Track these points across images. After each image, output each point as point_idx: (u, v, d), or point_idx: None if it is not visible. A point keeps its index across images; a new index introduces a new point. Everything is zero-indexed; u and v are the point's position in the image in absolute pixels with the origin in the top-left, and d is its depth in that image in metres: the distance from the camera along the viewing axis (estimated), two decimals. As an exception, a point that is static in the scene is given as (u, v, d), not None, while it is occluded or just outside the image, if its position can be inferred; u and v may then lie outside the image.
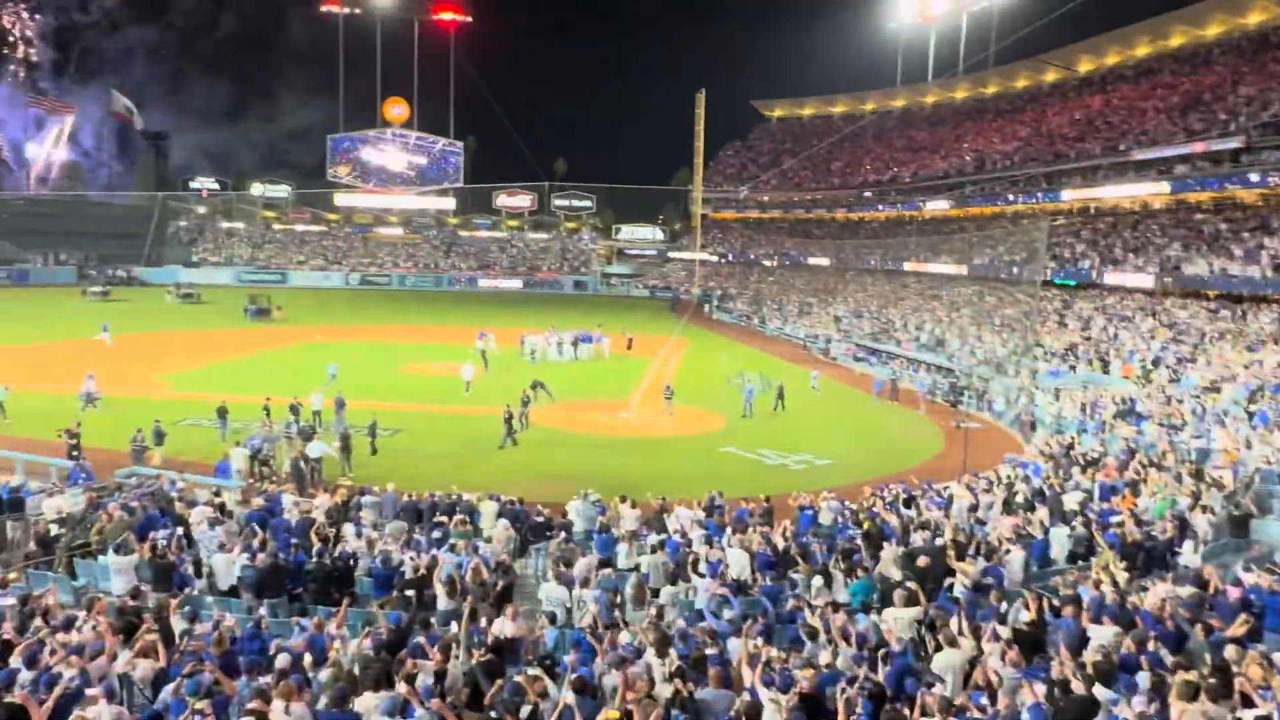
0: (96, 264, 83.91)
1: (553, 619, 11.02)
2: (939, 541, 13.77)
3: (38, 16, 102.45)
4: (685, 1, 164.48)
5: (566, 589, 12.11)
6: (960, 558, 12.67)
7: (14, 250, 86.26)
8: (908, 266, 66.06)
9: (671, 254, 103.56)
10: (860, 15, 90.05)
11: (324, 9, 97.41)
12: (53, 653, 8.38)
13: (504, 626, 10.05)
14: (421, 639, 9.31)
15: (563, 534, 15.90)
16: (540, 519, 16.64)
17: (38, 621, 9.63)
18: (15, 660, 8.23)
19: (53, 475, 20.46)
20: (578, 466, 24.35)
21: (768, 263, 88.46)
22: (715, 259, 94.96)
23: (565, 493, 18.95)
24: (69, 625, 9.41)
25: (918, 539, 14.40)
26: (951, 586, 11.75)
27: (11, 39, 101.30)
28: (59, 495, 16.25)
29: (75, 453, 21.76)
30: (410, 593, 11.70)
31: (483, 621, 10.29)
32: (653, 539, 14.84)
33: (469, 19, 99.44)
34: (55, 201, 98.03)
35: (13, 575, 13.11)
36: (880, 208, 79.73)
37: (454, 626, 9.83)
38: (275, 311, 58.36)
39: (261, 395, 27.51)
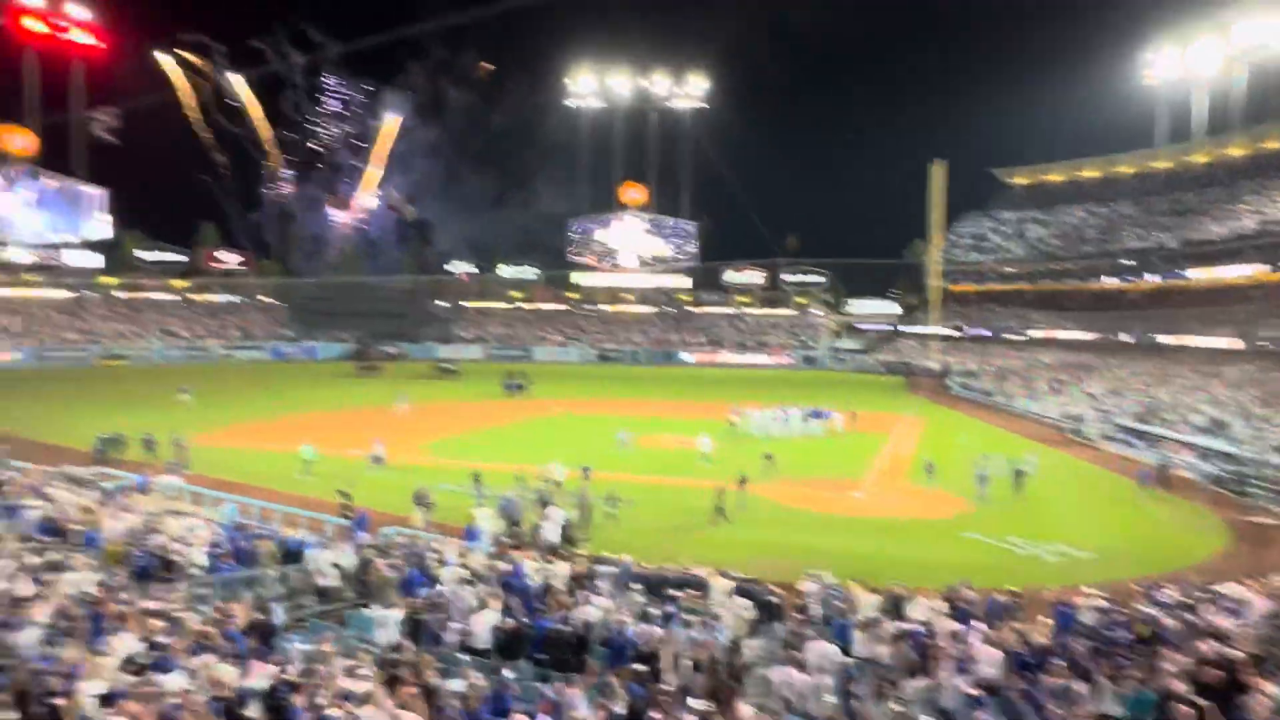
0: (369, 341, 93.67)
1: (787, 705, 10.66)
2: (1231, 653, 12.04)
3: (344, 126, 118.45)
4: (920, 71, 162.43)
5: (800, 674, 11.70)
6: (1260, 673, 10.99)
7: (304, 330, 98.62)
8: (1175, 340, 59.88)
9: (906, 328, 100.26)
10: (1110, 75, 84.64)
11: (572, 104, 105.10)
12: (329, 698, 9.15)
13: (739, 710, 9.84)
14: (656, 714, 9.29)
15: (796, 616, 15.43)
16: (773, 599, 16.26)
17: (316, 667, 10.58)
18: (298, 701, 9.06)
19: (329, 531, 22.68)
20: (811, 546, 23.71)
21: (1012, 336, 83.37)
22: (954, 333, 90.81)
23: (798, 572, 18.47)
24: (342, 673, 10.26)
25: (1203, 648, 12.66)
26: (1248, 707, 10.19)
27: (317, 148, 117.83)
28: (334, 550, 17.94)
29: (348, 512, 23.98)
30: (641, 665, 11.76)
31: (705, 703, 10.12)
32: (892, 628, 14.07)
33: (704, 105, 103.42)
34: (339, 285, 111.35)
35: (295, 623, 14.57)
36: (1142, 277, 73.23)
37: (690, 703, 9.75)
38: (529, 387, 61.75)
39: (511, 463, 29.12)
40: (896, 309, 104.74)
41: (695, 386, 70.56)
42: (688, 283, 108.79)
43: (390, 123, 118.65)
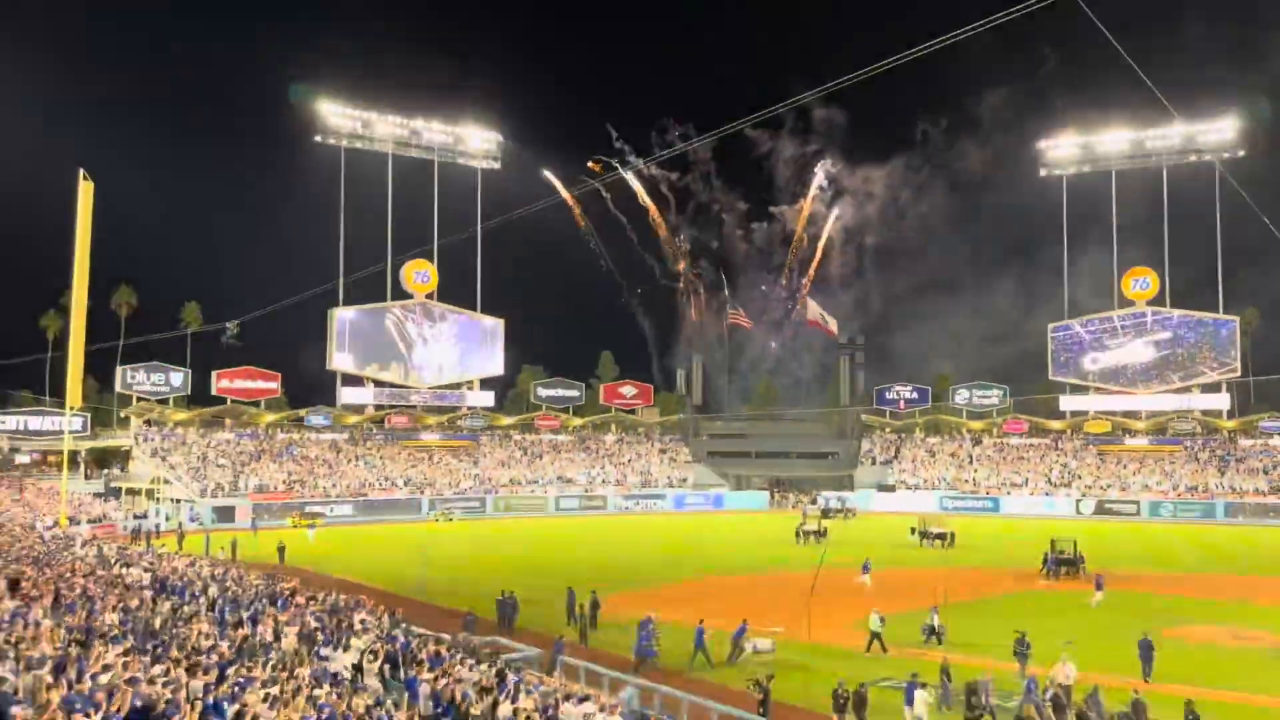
0: (796, 490, 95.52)
1: None
2: None
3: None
4: None
5: None
6: None
7: (709, 474, 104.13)
8: None
9: None
10: None
11: (1047, 173, 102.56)
12: None
13: None
14: None
15: None
16: None
17: None
18: None
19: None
20: None
21: None
22: None
23: None
24: None
25: None
26: None
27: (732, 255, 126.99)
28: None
29: (762, 709, 23.96)
30: None
31: None
32: None
33: (1237, 152, 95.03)
34: (752, 420, 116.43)
35: None
36: None
37: None
38: (1082, 566, 53.61)
39: (985, 656, 27.23)
40: None
41: (1246, 556, 62.73)
42: (1227, 402, 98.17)
43: (833, 220, 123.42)
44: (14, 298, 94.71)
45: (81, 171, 43.45)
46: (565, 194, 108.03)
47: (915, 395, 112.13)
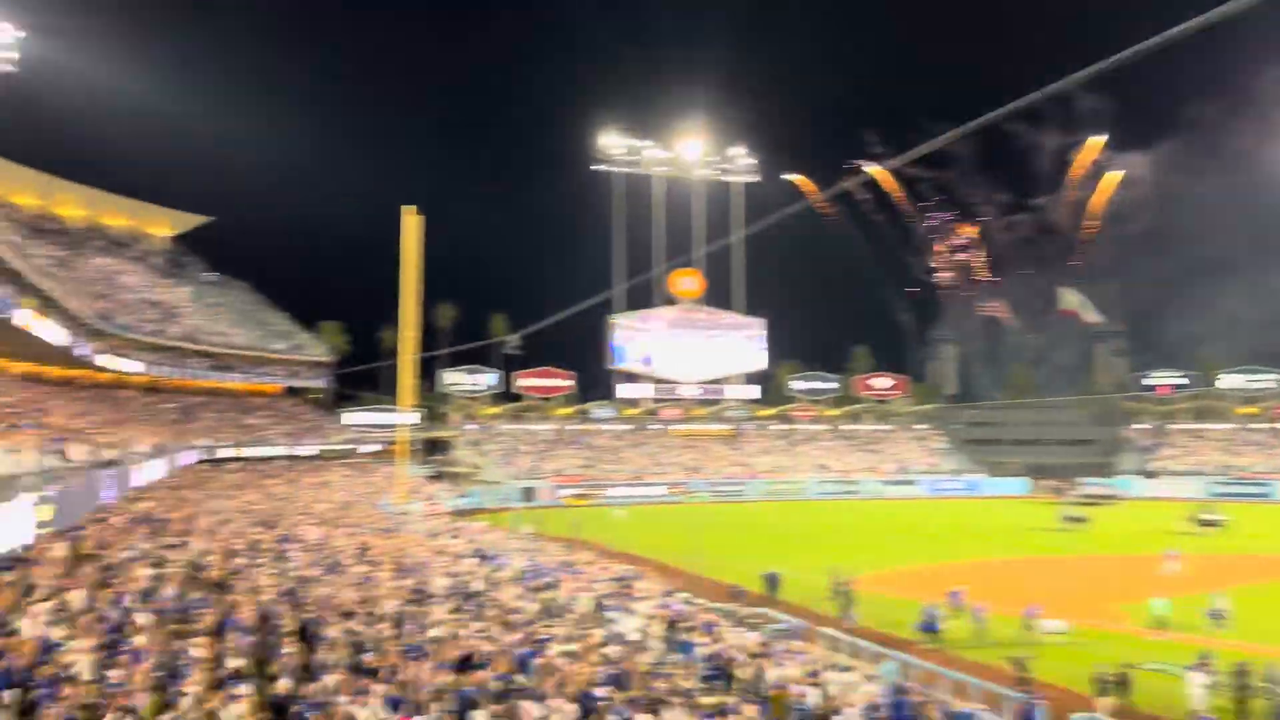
0: (1057, 476, 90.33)
1: None
2: None
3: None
4: None
5: None
6: None
7: (965, 461, 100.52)
8: None
9: None
10: None
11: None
12: None
13: None
14: None
15: None
16: None
17: None
18: None
19: (1006, 708, 21.96)
20: None
21: None
22: None
23: None
24: None
25: None
26: None
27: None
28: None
29: (1022, 687, 23.06)
30: None
31: None
32: None
33: None
34: (1007, 408, 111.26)
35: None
36: None
37: None
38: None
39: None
40: None
41: None
42: None
43: (1106, 182, 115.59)
44: (359, 315, 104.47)
45: (413, 207, 46.67)
46: (821, 198, 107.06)
47: (1183, 380, 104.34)
